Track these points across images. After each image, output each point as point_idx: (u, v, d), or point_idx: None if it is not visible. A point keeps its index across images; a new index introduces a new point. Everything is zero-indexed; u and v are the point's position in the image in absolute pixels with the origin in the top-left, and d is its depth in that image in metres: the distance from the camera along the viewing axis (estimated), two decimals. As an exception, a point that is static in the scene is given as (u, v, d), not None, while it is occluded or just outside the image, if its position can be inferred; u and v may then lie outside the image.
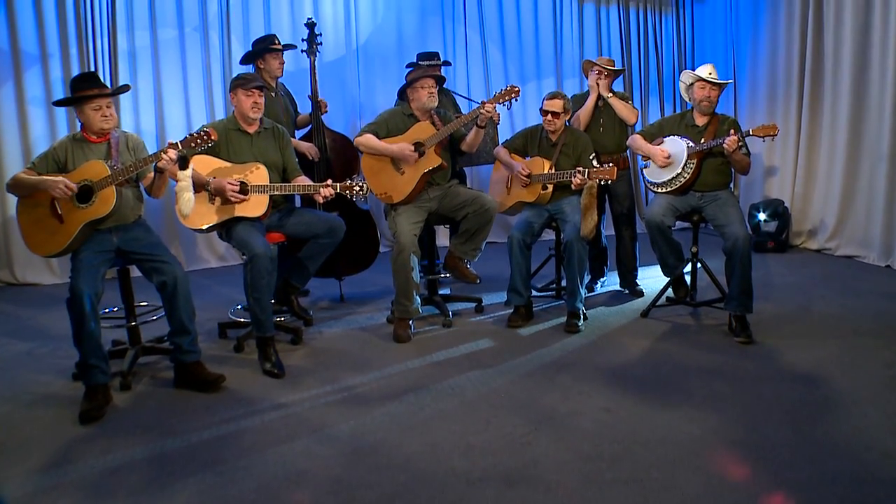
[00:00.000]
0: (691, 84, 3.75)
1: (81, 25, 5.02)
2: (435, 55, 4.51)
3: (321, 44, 4.30)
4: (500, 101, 3.61)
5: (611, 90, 4.25)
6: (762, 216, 5.60)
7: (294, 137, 4.23)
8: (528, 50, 6.48)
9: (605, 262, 4.62)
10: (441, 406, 2.79)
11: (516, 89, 3.61)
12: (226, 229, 3.43)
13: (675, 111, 6.89)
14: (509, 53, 6.43)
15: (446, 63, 4.60)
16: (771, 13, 5.94)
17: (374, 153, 3.72)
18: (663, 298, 3.96)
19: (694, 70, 3.76)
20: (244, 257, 3.33)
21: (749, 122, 6.01)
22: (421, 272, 3.79)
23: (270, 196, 3.37)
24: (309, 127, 4.29)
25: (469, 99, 4.81)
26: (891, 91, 4.81)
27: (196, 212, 3.29)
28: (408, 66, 4.72)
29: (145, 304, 3.67)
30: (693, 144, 3.66)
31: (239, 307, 3.96)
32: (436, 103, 3.76)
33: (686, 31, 6.86)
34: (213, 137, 3.03)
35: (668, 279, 3.90)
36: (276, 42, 4.07)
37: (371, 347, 3.54)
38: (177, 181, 3.08)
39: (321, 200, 3.35)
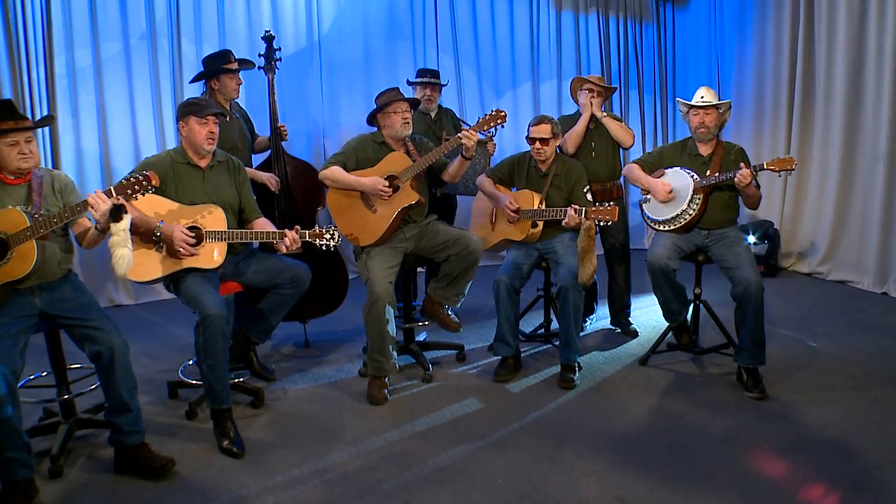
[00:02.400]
0: (686, 112, 3.43)
1: (13, 50, 4.46)
2: (435, 73, 4.07)
3: (280, 59, 3.83)
4: (484, 127, 3.21)
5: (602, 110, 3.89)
6: (752, 238, 5.34)
7: (251, 165, 3.76)
8: (503, 60, 6.09)
9: (595, 297, 4.28)
10: (429, 499, 2.39)
11: (502, 114, 3.20)
12: (173, 281, 2.96)
13: (655, 125, 6.62)
14: (483, 69, 6.03)
15: (439, 82, 4.21)
16: (758, 21, 5.65)
17: (341, 188, 3.28)
18: (663, 343, 3.64)
19: (690, 99, 3.43)
20: (195, 314, 2.85)
21: (735, 138, 5.72)
22: (397, 315, 3.37)
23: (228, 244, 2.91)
24: (268, 153, 3.81)
25: (466, 123, 4.38)
26: (888, 102, 4.55)
27: (138, 262, 2.82)
28: (410, 84, 4.29)
29: (79, 366, 3.17)
30: (698, 177, 3.33)
31: (191, 363, 3.47)
32: (409, 131, 3.34)
33: (667, 41, 6.56)
34: (153, 182, 2.55)
35: (669, 324, 3.57)
36: (232, 59, 3.58)
37: (343, 411, 3.10)
38: (110, 234, 2.60)
39: (284, 251, 2.91)
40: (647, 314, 4.43)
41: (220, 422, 2.82)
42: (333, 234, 2.92)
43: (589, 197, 3.51)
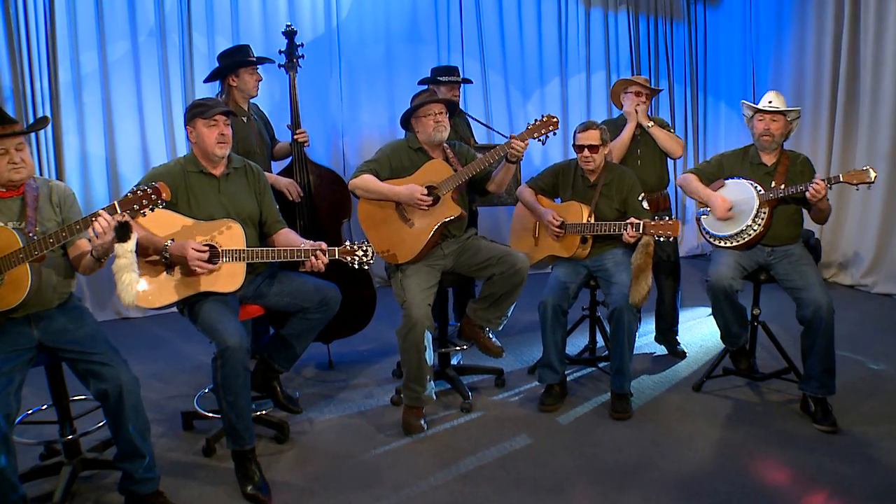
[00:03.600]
0: (751, 117, 3.04)
1: (16, 58, 4.08)
2: (454, 70, 3.64)
3: (303, 56, 3.43)
4: (534, 134, 2.82)
5: (648, 116, 3.50)
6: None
7: (271, 171, 3.36)
8: (530, 61, 5.68)
9: (640, 315, 3.89)
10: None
11: (554, 120, 2.82)
12: (188, 306, 2.57)
13: (686, 126, 6.22)
14: (510, 70, 5.61)
15: (467, 81, 3.75)
16: (797, 21, 5.25)
17: (374, 198, 2.89)
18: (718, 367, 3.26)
19: (756, 102, 3.05)
20: (212, 344, 2.46)
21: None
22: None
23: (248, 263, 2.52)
24: (289, 159, 3.41)
25: (487, 126, 3.96)
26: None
27: (147, 287, 2.45)
28: (421, 84, 3.86)
29: (83, 398, 2.77)
30: (762, 189, 2.94)
31: (207, 390, 3.09)
32: (446, 135, 2.94)
33: (698, 40, 6.17)
34: (163, 196, 2.16)
35: (726, 348, 3.19)
36: (251, 54, 3.18)
37: (378, 447, 2.73)
38: (114, 256, 2.21)
39: (310, 270, 2.52)
40: (691, 331, 4.05)
41: (243, 464, 2.45)
42: (367, 251, 2.53)
43: (645, 205, 3.13)
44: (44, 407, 2.77)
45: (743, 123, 3.21)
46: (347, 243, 2.55)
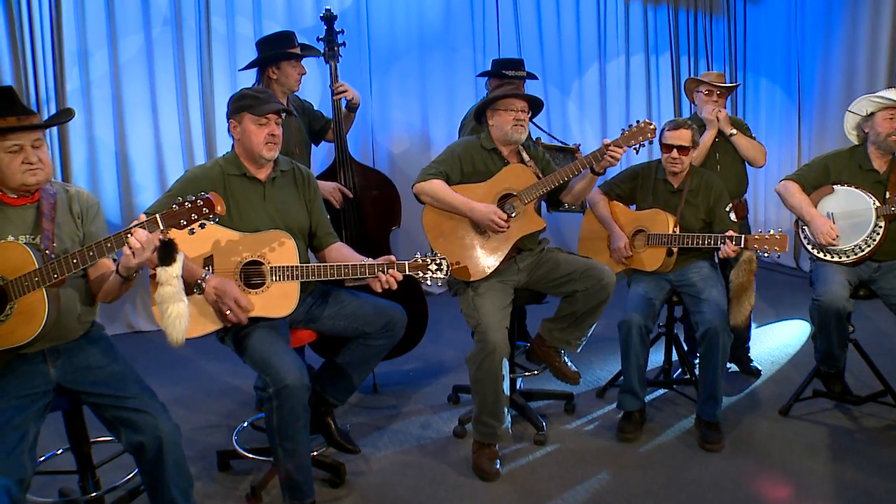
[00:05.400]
0: (870, 114, 2.60)
1: (19, 60, 3.62)
2: (519, 63, 3.16)
3: (344, 44, 2.94)
4: (630, 142, 2.38)
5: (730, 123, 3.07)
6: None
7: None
8: (568, 57, 5.22)
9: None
10: None
11: (651, 127, 2.39)
12: (231, 333, 2.09)
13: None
14: (548, 67, 5.16)
15: (532, 76, 3.27)
16: (849, 17, 4.83)
17: (443, 208, 2.43)
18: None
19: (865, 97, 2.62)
20: (265, 385, 1.98)
21: (818, 146, 4.94)
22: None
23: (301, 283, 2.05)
24: (332, 158, 2.93)
25: (552, 136, 3.49)
26: None
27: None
28: (481, 77, 3.37)
29: (106, 439, 2.28)
30: (877, 202, 2.53)
31: (246, 424, 2.60)
32: (524, 137, 2.49)
33: (737, 36, 5.76)
34: (217, 209, 1.68)
35: (817, 368, 2.79)
36: (295, 43, 2.69)
37: (449, 492, 2.28)
38: (155, 281, 1.74)
39: (380, 290, 2.05)
40: (756, 346, 3.61)
41: (302, 522, 1.98)
42: (441, 264, 2.08)
43: (733, 216, 2.71)
44: (59, 452, 2.27)
45: (782, 122, 2.80)
46: (419, 256, 2.09)
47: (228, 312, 1.94)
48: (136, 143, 4.02)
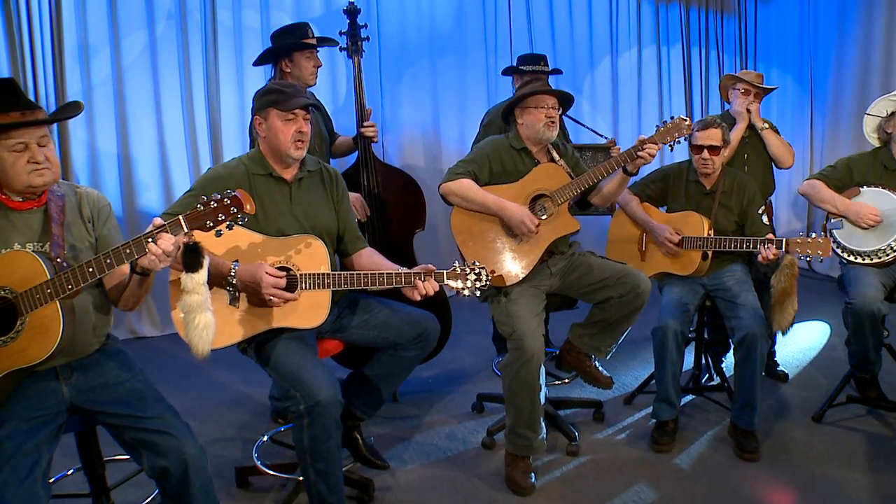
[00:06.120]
0: (891, 114, 2.52)
1: (17, 59, 3.43)
2: (541, 59, 3.01)
3: (367, 39, 2.78)
4: (666, 139, 2.24)
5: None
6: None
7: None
8: (580, 55, 5.07)
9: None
10: None
11: (686, 123, 2.25)
12: (254, 344, 1.93)
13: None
14: (561, 64, 4.98)
15: (556, 71, 3.12)
16: (864, 16, 4.72)
17: (473, 209, 2.28)
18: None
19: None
20: (295, 400, 1.81)
21: (832, 149, 4.82)
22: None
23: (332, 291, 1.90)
24: (353, 157, 2.77)
25: (591, 129, 3.33)
26: None
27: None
28: (505, 74, 3.23)
29: (121, 458, 2.10)
30: None
31: (266, 439, 2.43)
32: (555, 135, 2.35)
33: (748, 35, 5.64)
34: (246, 208, 1.52)
35: (851, 373, 2.68)
36: (311, 34, 2.53)
37: (481, 508, 2.14)
38: (179, 288, 1.57)
39: (419, 298, 1.90)
40: (781, 350, 3.48)
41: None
42: (480, 274, 1.93)
43: (765, 219, 2.60)
44: (69, 473, 2.10)
45: (794, 123, 2.69)
46: (457, 264, 1.94)
47: (270, 296, 1.80)
48: (139, 142, 3.84)
